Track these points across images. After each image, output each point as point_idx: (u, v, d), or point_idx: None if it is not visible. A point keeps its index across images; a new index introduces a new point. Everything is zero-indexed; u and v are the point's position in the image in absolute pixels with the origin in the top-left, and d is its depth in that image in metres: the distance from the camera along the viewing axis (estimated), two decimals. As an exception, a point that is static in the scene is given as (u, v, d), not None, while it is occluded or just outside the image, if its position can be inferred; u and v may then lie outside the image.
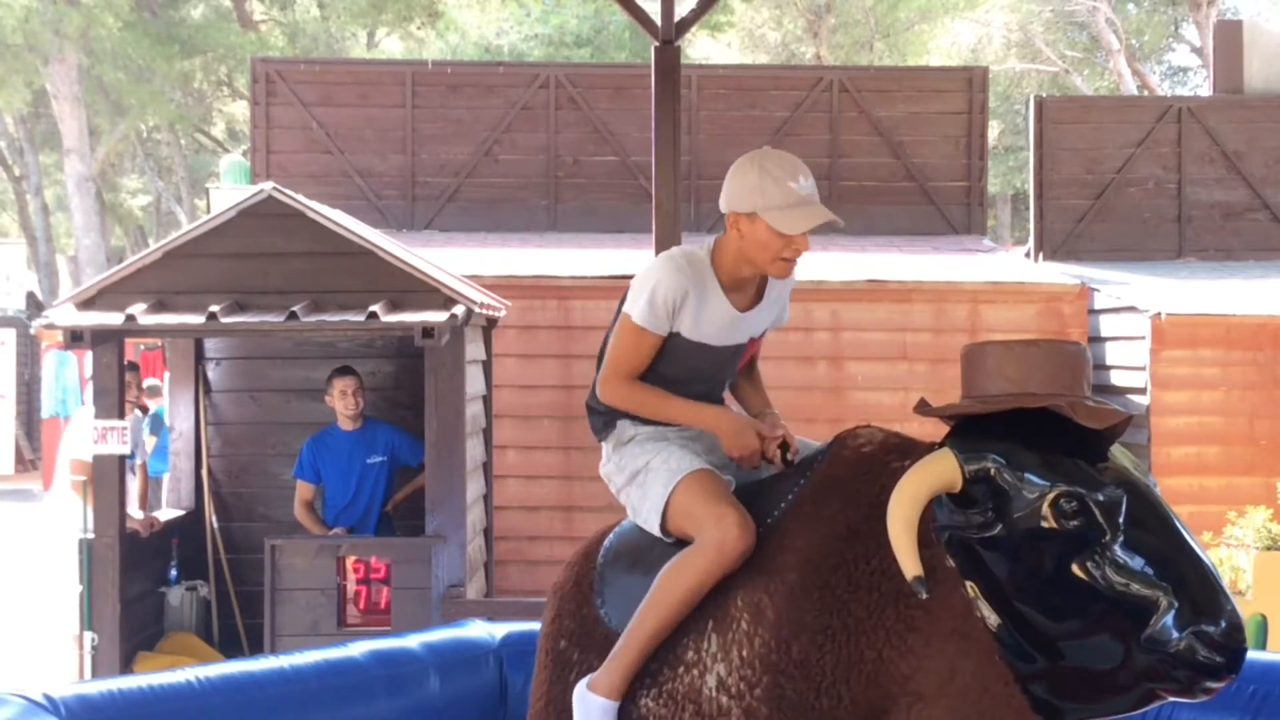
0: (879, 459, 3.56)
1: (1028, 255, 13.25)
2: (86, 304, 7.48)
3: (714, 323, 3.81)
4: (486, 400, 8.82)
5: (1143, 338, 10.48)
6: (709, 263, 3.78)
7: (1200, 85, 32.10)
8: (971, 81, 13.24)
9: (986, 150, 13.29)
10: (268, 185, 7.85)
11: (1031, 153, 13.09)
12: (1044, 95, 13.98)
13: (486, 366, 8.84)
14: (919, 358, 10.45)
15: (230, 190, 10.54)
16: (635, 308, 3.77)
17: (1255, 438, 10.48)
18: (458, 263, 9.86)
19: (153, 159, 34.10)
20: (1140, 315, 10.51)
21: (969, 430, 3.37)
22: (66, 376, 18.93)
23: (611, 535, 4.08)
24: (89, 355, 20.56)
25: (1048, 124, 12.92)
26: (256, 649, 7.98)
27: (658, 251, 7.80)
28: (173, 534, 8.53)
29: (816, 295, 10.37)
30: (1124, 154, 13.00)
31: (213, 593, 8.60)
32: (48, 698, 4.26)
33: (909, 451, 3.53)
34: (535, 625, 5.27)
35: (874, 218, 12.83)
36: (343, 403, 8.07)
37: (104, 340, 7.47)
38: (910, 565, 3.21)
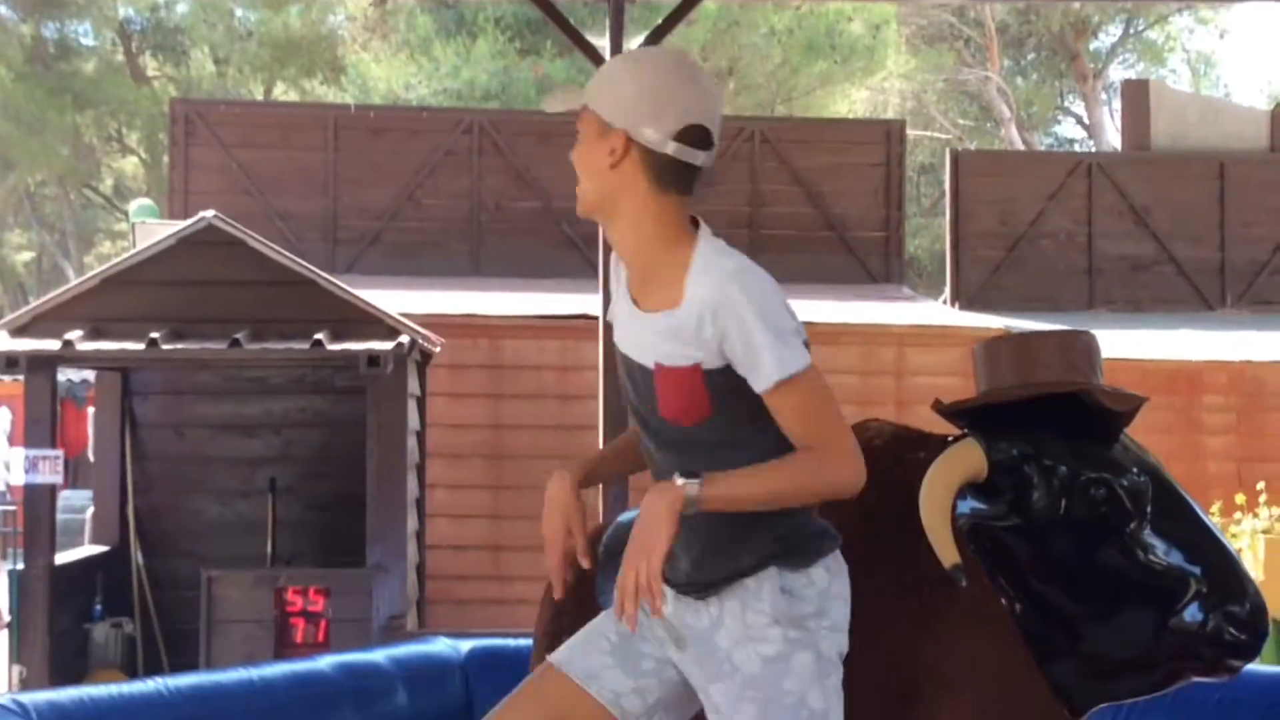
0: (894, 451, 3.57)
1: (944, 305, 13.48)
2: (20, 331, 7.33)
3: (618, 316, 2.90)
4: (420, 436, 8.75)
5: (1062, 382, 10.65)
6: None
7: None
8: (889, 134, 13.48)
9: (904, 201, 13.54)
10: (209, 213, 7.77)
11: (948, 205, 13.35)
12: (959, 149, 14.29)
13: (420, 402, 8.76)
14: (846, 399, 10.37)
15: (156, 225, 10.38)
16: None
17: (1170, 481, 10.68)
18: (383, 305, 9.79)
19: (37, 214, 33.46)
20: (1059, 360, 10.68)
21: (984, 424, 3.41)
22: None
23: (609, 532, 4.04)
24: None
25: (963, 176, 13.19)
26: (186, 686, 7.78)
27: (604, 292, 7.77)
28: (96, 569, 8.33)
29: (745, 337, 10.41)
30: (1036, 207, 13.29)
31: (138, 630, 8.40)
32: (17, 703, 4.15)
33: (923, 444, 3.54)
34: (499, 640, 5.28)
35: (794, 266, 12.89)
36: None
37: (38, 367, 7.30)
38: (947, 554, 3.20)
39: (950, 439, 3.46)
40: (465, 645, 5.19)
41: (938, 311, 12.16)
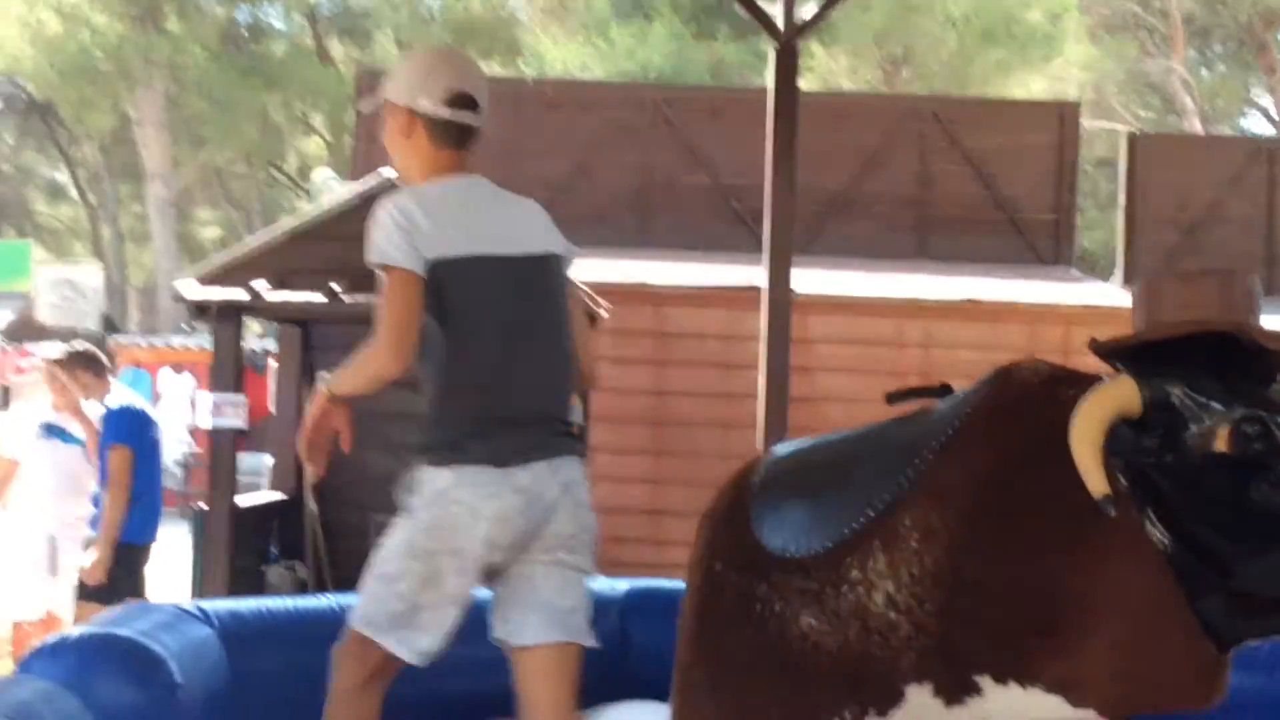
0: (1049, 387, 3.59)
1: (1114, 286, 13.26)
2: (209, 281, 7.66)
3: None
4: (584, 399, 8.90)
5: (1236, 363, 10.45)
6: None
7: (1274, 151, 31.97)
8: (1063, 116, 13.30)
9: (1077, 184, 13.33)
10: (389, 172, 8.00)
11: (1122, 188, 13.13)
12: (1135, 133, 14.04)
13: (586, 366, 8.90)
14: (1010, 378, 10.44)
15: (339, 186, 10.76)
16: None
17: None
18: (553, 271, 9.99)
19: (225, 191, 34.57)
20: (1236, 340, 10.47)
21: (1140, 362, 3.42)
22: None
23: (764, 463, 4.13)
24: (162, 374, 20.88)
25: (1139, 160, 12.96)
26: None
27: (772, 254, 7.85)
28: (274, 515, 8.68)
29: (910, 312, 10.41)
30: (1214, 193, 13.01)
31: (310, 574, 8.73)
32: (200, 609, 4.40)
33: (1077, 382, 3.54)
34: (656, 581, 5.40)
35: (963, 245, 12.85)
36: None
37: (226, 316, 7.64)
38: (1096, 483, 3.21)
39: (1103, 378, 3.49)
40: (623, 584, 5.32)
41: (1107, 292, 11.98)
